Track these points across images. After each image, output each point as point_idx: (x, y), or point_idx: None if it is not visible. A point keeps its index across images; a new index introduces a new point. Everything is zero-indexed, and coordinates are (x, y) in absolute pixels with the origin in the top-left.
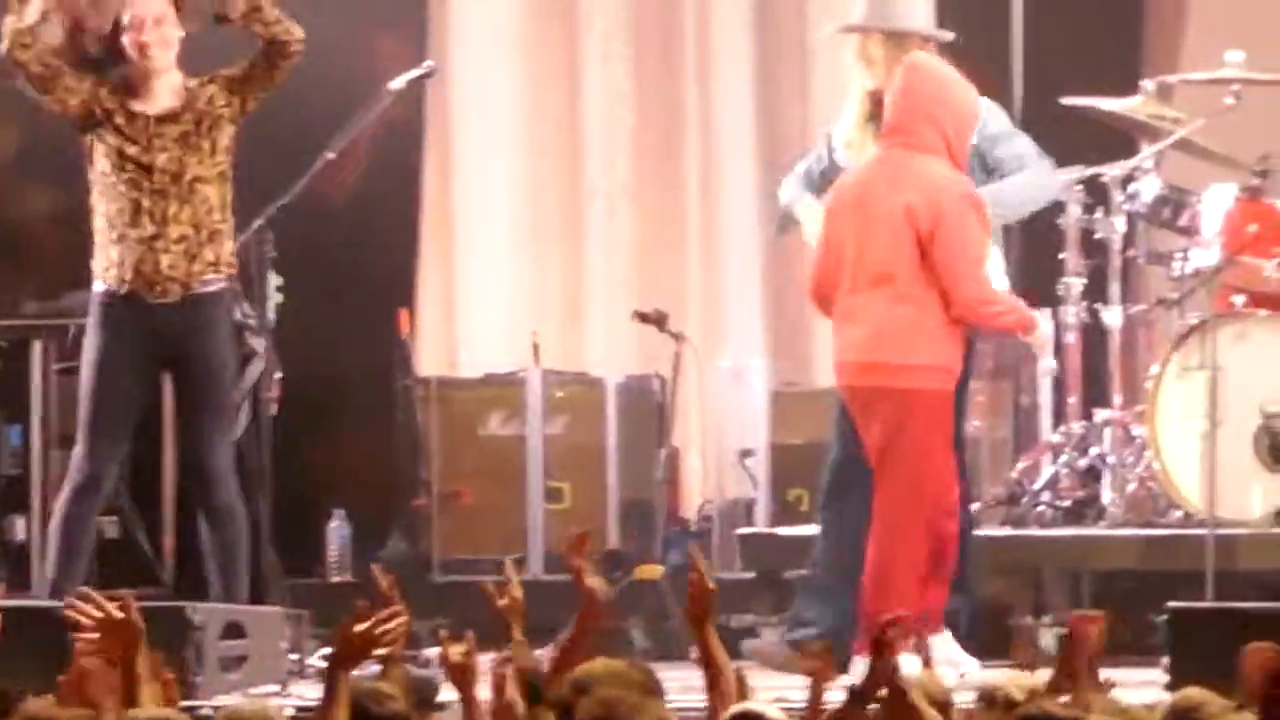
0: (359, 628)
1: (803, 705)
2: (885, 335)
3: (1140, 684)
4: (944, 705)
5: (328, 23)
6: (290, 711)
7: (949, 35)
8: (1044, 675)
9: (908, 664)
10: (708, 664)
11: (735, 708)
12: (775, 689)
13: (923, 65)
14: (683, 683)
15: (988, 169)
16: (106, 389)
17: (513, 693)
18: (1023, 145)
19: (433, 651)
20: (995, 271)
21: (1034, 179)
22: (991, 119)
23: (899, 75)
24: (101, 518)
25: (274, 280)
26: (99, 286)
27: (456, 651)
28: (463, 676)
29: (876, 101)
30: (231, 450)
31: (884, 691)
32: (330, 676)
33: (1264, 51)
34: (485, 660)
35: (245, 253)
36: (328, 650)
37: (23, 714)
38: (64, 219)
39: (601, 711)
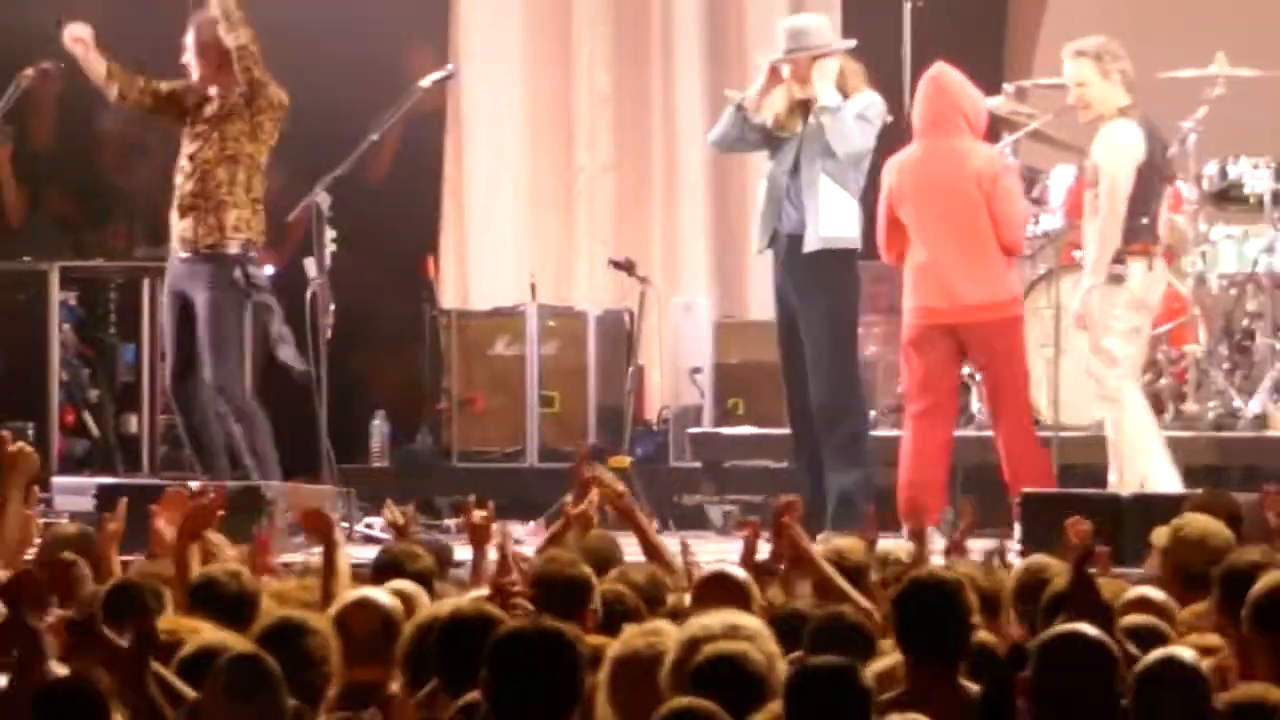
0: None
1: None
2: (982, 280)
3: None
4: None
5: (370, 34)
6: None
7: (851, 43)
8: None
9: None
10: (644, 542)
11: (710, 570)
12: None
13: (943, 74)
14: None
15: None
16: None
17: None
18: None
19: (452, 521)
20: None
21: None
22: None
23: (926, 83)
24: None
25: (330, 234)
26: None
27: (479, 515)
28: (478, 536)
29: (801, 101)
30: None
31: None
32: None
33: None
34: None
35: (309, 213)
36: (372, 519)
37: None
38: (163, 183)
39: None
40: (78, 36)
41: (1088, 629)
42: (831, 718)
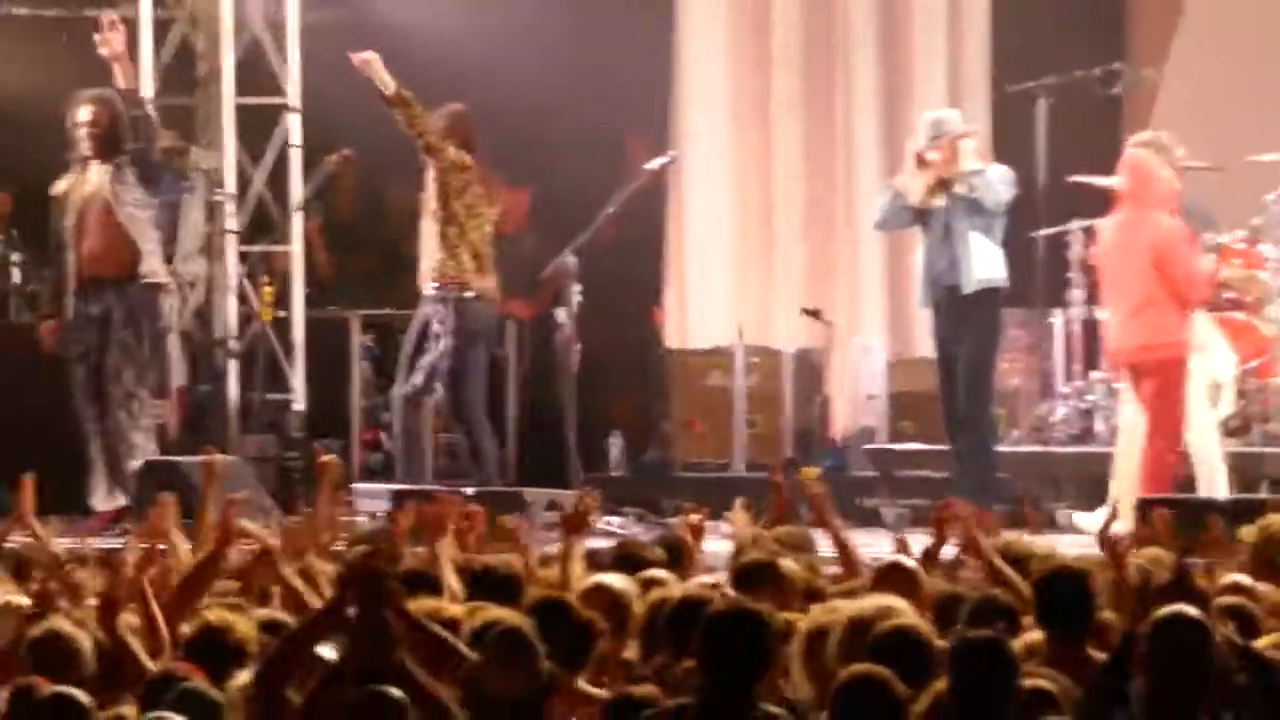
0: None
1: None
2: (1143, 326)
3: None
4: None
5: (604, 128)
6: None
7: (978, 127)
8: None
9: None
10: (834, 536)
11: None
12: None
13: (1137, 158)
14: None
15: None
16: None
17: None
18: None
19: (674, 520)
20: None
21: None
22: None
23: (1125, 165)
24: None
25: (576, 288)
26: None
27: (695, 517)
28: (695, 534)
29: (941, 180)
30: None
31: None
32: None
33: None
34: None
35: (559, 271)
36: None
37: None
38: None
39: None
40: (365, 59)
41: (1188, 609)
42: (984, 682)
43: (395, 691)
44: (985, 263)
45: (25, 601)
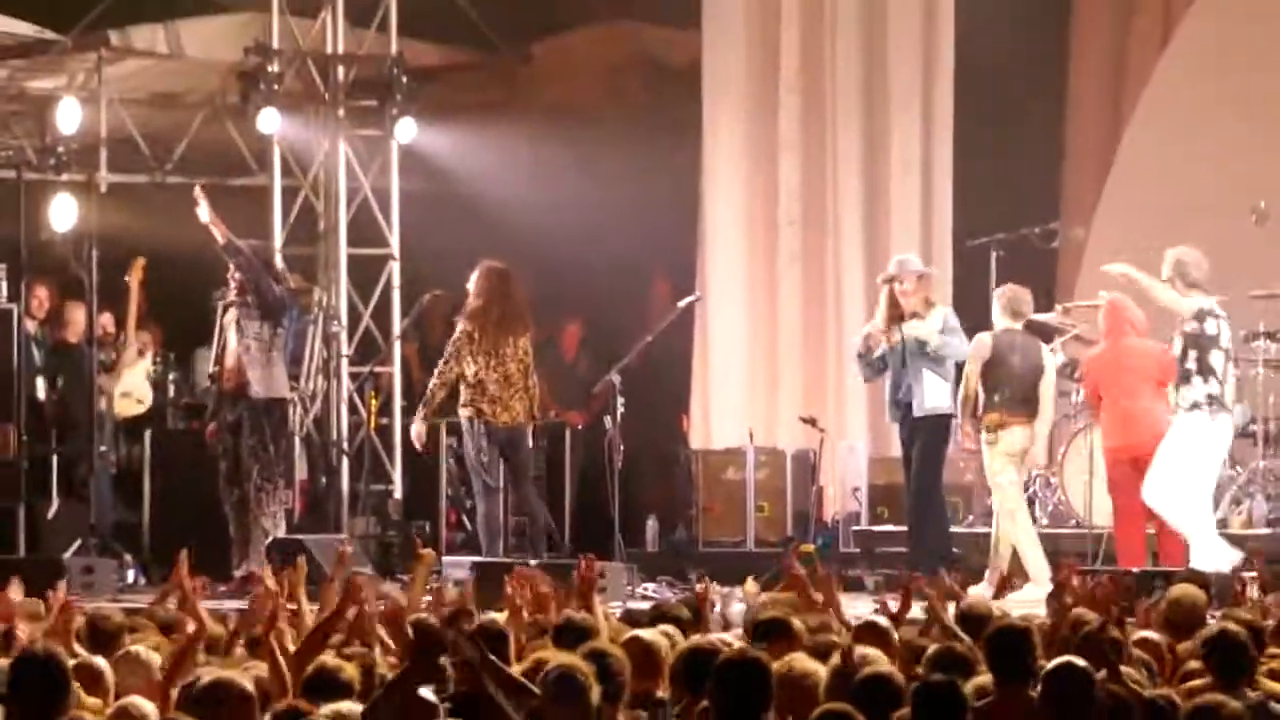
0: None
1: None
2: (1148, 427)
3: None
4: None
5: (642, 273)
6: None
7: (934, 270)
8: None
9: None
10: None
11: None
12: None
13: (1119, 301)
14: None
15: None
16: None
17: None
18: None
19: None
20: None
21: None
22: (951, 317)
23: (1109, 308)
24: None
25: (620, 400)
26: None
27: (700, 587)
28: (701, 600)
29: (897, 314)
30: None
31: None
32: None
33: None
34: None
35: (606, 387)
36: (649, 584)
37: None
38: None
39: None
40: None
41: (1076, 660)
42: (941, 716)
43: None
44: (934, 394)
45: (158, 658)
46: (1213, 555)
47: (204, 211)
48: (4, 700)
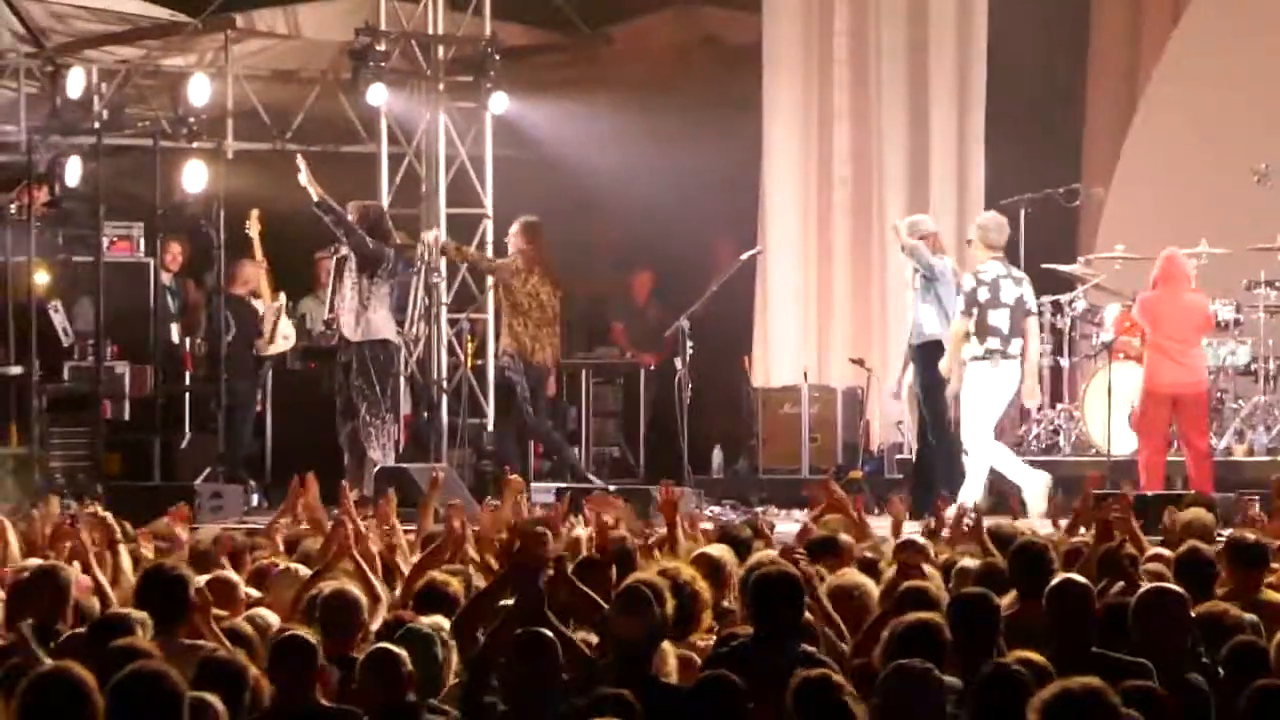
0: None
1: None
2: (1192, 370)
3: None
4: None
5: (709, 228)
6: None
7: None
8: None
9: None
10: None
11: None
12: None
13: (1178, 254)
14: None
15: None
16: None
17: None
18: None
19: (758, 510)
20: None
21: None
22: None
23: (1170, 260)
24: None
25: (689, 344)
26: None
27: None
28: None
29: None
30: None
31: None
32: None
33: (1142, 241)
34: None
35: (676, 333)
36: (715, 507)
37: None
38: (591, 310)
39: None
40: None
41: (1076, 577)
42: (976, 623)
43: (545, 632)
44: (929, 323)
45: (305, 570)
46: (1020, 472)
47: (303, 175)
48: (137, 606)
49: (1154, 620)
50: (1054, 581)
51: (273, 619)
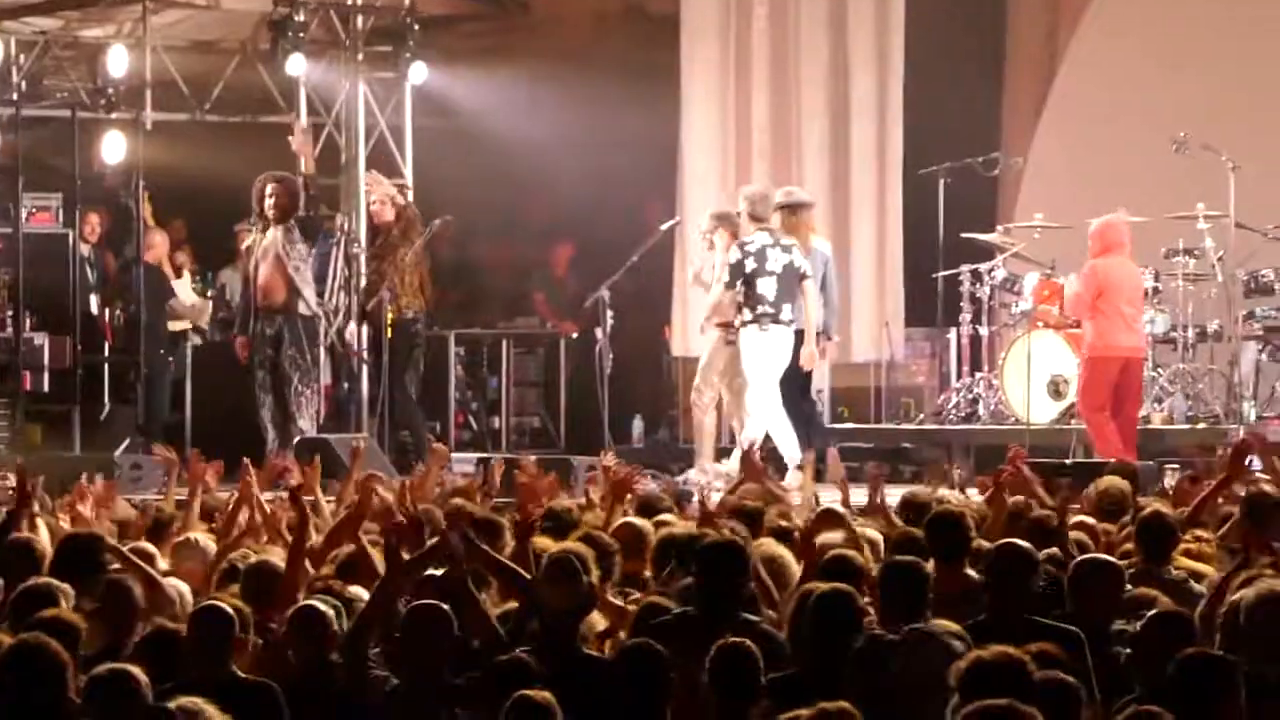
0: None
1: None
2: (1142, 337)
3: None
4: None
5: (630, 198)
6: None
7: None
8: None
9: None
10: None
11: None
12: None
13: (1115, 219)
14: None
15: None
16: None
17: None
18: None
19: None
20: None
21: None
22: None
23: (1113, 225)
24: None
25: (610, 314)
26: None
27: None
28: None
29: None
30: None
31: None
32: None
33: (1061, 209)
34: None
35: (596, 305)
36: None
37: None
38: (516, 279)
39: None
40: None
41: (1019, 543)
42: (907, 591)
43: (436, 604)
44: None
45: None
46: (789, 443)
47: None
48: (52, 574)
49: (1089, 591)
50: (996, 545)
51: (183, 588)
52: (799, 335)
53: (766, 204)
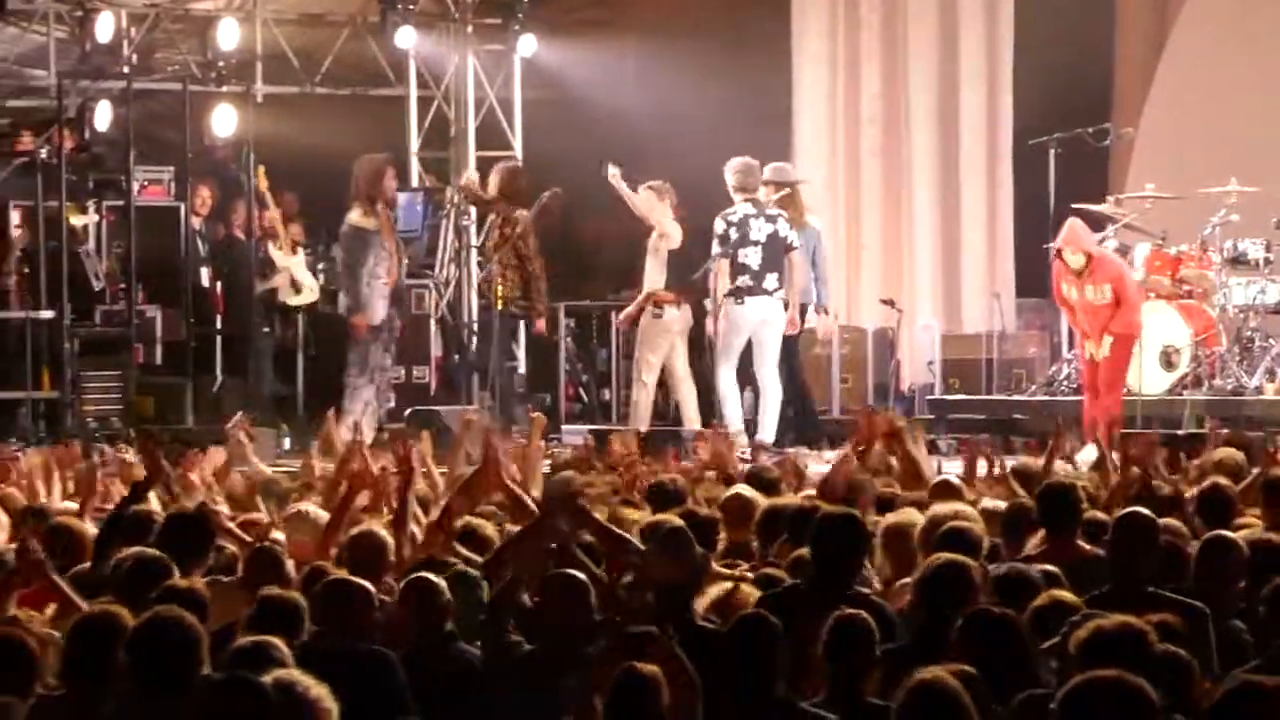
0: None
1: None
2: None
3: None
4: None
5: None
6: None
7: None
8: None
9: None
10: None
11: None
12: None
13: (1073, 222)
14: None
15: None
16: None
17: None
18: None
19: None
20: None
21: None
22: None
23: (1070, 224)
24: None
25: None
26: None
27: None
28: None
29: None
30: None
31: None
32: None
33: (1172, 180)
34: None
35: (706, 277)
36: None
37: None
38: (625, 250)
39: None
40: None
41: (1142, 510)
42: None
43: (575, 573)
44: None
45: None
46: (734, 413)
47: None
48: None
49: (1215, 566)
50: (1119, 515)
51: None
52: (791, 306)
53: (750, 174)
